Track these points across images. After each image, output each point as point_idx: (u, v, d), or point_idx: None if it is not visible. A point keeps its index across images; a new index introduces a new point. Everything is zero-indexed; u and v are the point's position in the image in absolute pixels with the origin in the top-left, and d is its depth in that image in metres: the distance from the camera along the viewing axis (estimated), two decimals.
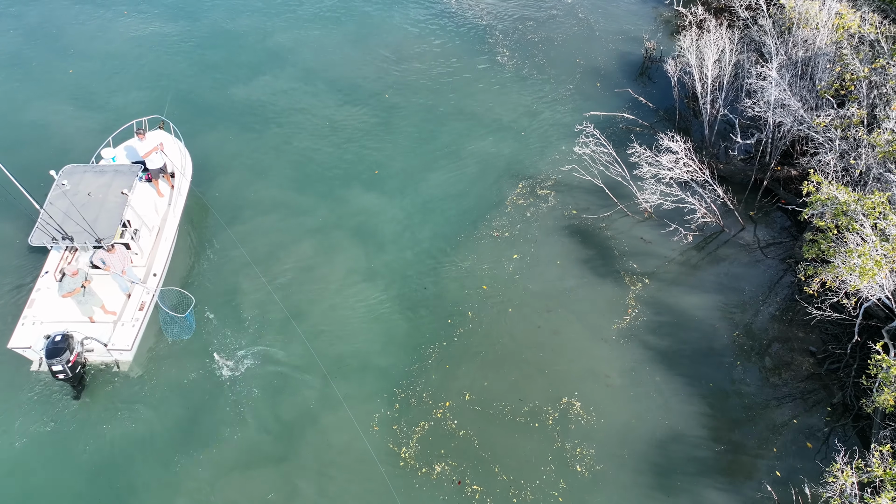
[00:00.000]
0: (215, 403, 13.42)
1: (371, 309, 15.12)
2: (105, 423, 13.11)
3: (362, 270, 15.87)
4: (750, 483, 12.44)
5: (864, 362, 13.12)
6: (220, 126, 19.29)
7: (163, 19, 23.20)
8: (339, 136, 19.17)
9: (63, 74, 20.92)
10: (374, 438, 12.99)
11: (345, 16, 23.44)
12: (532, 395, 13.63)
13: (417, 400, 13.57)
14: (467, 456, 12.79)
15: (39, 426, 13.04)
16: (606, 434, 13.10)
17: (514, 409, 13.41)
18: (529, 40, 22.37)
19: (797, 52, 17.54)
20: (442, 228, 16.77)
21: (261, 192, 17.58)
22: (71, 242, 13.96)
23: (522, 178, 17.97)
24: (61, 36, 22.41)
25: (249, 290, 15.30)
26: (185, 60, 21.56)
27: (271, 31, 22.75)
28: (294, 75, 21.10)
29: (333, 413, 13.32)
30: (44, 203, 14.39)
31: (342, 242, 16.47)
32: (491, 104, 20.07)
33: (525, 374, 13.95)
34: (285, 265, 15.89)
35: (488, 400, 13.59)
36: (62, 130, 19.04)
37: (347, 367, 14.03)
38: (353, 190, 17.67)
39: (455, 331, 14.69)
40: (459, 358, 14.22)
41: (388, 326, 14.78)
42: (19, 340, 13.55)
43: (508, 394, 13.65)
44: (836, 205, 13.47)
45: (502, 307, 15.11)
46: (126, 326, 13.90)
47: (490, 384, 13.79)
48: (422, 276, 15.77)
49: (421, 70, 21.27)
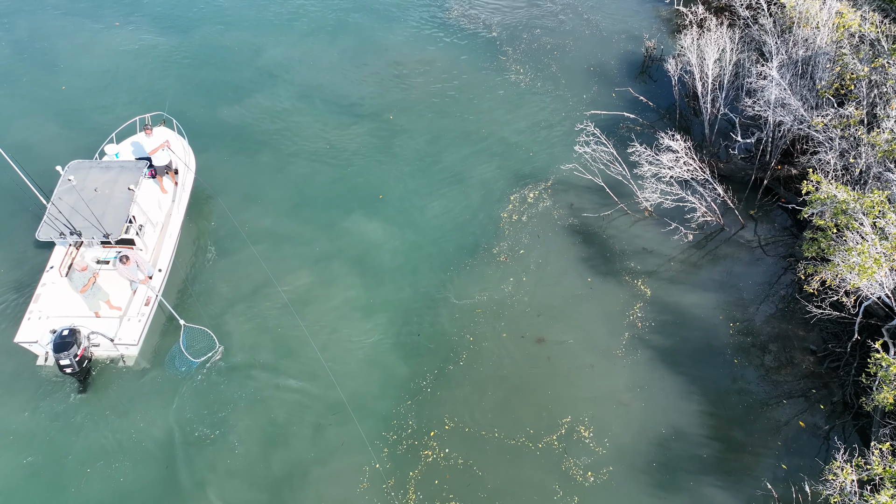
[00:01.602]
0: (216, 401, 13.26)
1: (367, 351, 14.01)
2: (110, 417, 12.94)
3: (360, 307, 14.74)
4: (750, 481, 12.24)
5: (864, 361, 12.89)
6: (211, 148, 18.03)
7: (155, 32, 21.94)
8: (339, 158, 17.98)
9: (55, 91, 19.88)
10: (377, 480, 12.22)
11: (342, 30, 22.23)
12: (534, 410, 13.35)
13: (419, 441, 12.73)
14: (472, 489, 12.15)
15: (46, 419, 12.88)
16: (607, 434, 12.89)
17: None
18: (530, 40, 22.07)
19: (797, 52, 17.28)
20: (443, 258, 15.66)
21: (255, 220, 16.33)
22: (79, 238, 13.80)
23: (524, 183, 17.41)
24: (51, 50, 21.15)
25: (255, 293, 14.99)
26: (175, 78, 20.32)
27: (264, 47, 21.46)
28: (290, 94, 19.87)
29: (329, 458, 12.54)
30: (50, 198, 14.20)
31: (340, 274, 15.39)
32: (493, 109, 19.50)
33: (527, 391, 13.55)
34: (275, 302, 14.73)
35: (489, 425, 12.96)
36: (48, 150, 17.77)
37: (342, 413, 13.01)
38: (353, 217, 16.52)
39: (454, 366, 13.79)
40: (460, 393, 13.39)
41: (385, 369, 13.72)
42: (26, 335, 13.40)
43: (505, 415, 13.27)
44: (835, 204, 13.26)
45: (501, 330, 14.34)
46: (132, 321, 13.76)
47: (491, 408, 13.26)
48: (420, 315, 14.59)
49: (422, 84, 20.17)
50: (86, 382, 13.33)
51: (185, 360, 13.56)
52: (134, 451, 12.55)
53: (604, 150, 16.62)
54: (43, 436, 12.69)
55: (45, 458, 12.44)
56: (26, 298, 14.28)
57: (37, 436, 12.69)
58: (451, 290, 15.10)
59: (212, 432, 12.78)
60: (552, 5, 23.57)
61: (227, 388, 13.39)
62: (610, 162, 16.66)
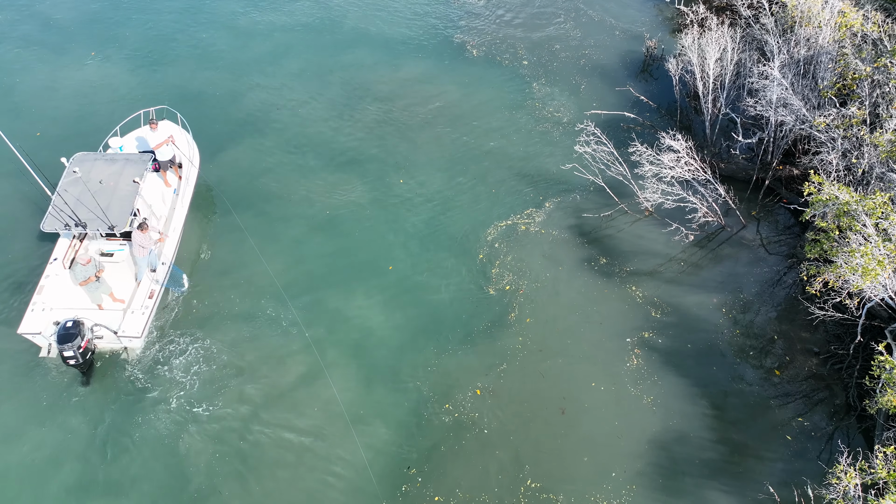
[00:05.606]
0: (218, 394, 12.61)
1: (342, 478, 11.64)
2: (113, 409, 12.32)
3: (341, 413, 12.38)
4: (753, 484, 11.52)
5: (867, 363, 12.16)
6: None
7: (128, 68, 19.60)
8: (335, 229, 15.50)
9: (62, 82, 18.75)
10: None
11: (332, 72, 19.63)
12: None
13: None
14: None
15: (48, 412, 12.26)
16: (607, 433, 12.19)
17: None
18: (530, 40, 21.20)
19: (799, 51, 16.47)
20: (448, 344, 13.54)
21: (239, 302, 14.03)
22: (84, 229, 13.17)
23: (527, 202, 16.20)
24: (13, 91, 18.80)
25: (253, 285, 14.32)
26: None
27: (243, 91, 18.78)
28: (276, 145, 17.38)
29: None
30: (55, 190, 13.54)
31: (339, 273, 14.21)
32: (495, 117, 18.52)
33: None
34: (274, 296, 13.57)
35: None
36: (53, 141, 16.37)
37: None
38: (354, 297, 14.26)
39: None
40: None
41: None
42: (29, 326, 12.76)
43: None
44: (837, 205, 12.55)
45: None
46: (136, 314, 13.14)
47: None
48: (409, 449, 12.03)
49: (410, 105, 18.39)
50: (88, 374, 12.72)
51: (174, 277, 14.00)
52: (136, 444, 11.93)
53: (604, 150, 15.81)
54: (44, 427, 12.07)
55: (46, 450, 11.81)
56: (30, 290, 13.61)
57: (38, 427, 12.08)
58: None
59: (216, 424, 12.15)
60: (553, 5, 22.68)
61: (226, 383, 12.75)
62: (610, 162, 15.87)
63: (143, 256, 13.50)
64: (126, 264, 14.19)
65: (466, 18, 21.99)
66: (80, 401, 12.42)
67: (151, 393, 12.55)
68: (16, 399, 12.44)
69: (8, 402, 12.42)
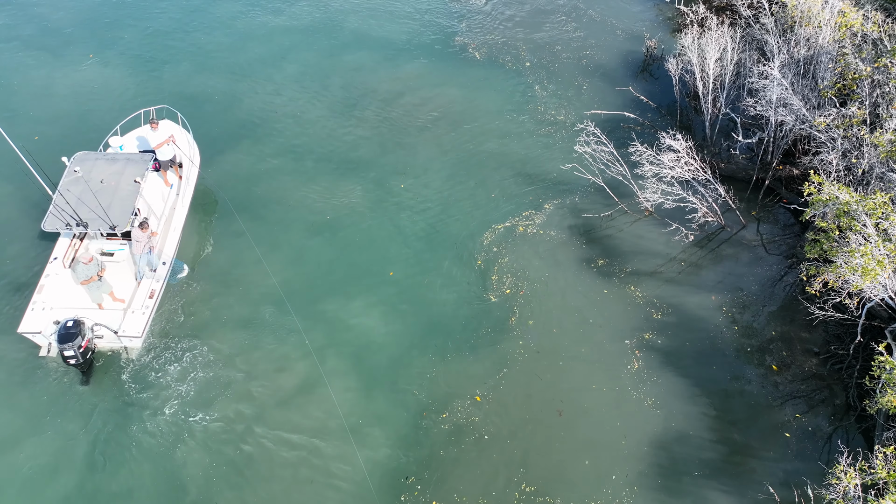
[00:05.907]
0: (218, 396, 12.52)
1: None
2: (112, 409, 12.22)
3: (340, 421, 12.19)
4: (752, 484, 11.43)
5: (867, 363, 12.06)
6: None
7: (127, 69, 19.45)
8: (335, 233, 15.40)
9: (60, 81, 18.71)
10: None
11: (332, 74, 19.49)
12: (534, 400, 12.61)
13: None
14: None
15: (47, 411, 12.17)
16: (608, 436, 12.10)
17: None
18: (532, 41, 21.09)
19: (799, 51, 16.36)
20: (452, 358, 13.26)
21: (238, 306, 13.82)
22: (85, 229, 13.08)
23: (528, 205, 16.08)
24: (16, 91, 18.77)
25: (253, 290, 14.22)
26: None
27: (243, 94, 18.67)
28: (275, 148, 17.23)
29: None
30: (55, 189, 13.46)
31: (339, 275, 14.12)
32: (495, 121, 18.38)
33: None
34: (273, 295, 13.53)
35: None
36: (54, 140, 16.40)
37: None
38: (354, 302, 14.07)
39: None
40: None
41: None
42: (29, 325, 12.68)
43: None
44: (837, 205, 12.46)
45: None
46: (136, 314, 13.04)
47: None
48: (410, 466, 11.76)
49: (411, 107, 18.20)
50: (88, 374, 12.61)
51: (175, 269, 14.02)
52: (133, 452, 11.80)
53: (604, 150, 15.71)
54: (43, 427, 11.98)
55: (45, 450, 11.72)
56: (30, 289, 13.52)
57: (37, 427, 11.98)
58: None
59: (213, 432, 12.02)
60: (553, 4, 22.58)
61: (224, 390, 12.63)
62: (610, 162, 15.77)
63: (142, 254, 13.43)
64: (126, 264, 14.11)
65: (468, 20, 21.87)
66: (79, 402, 12.29)
67: (149, 400, 12.39)
68: (14, 398, 12.35)
69: (8, 402, 12.32)
